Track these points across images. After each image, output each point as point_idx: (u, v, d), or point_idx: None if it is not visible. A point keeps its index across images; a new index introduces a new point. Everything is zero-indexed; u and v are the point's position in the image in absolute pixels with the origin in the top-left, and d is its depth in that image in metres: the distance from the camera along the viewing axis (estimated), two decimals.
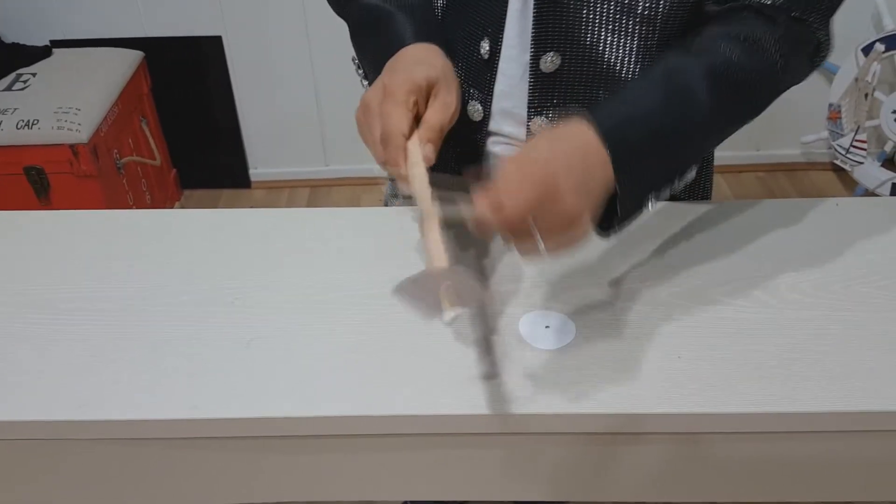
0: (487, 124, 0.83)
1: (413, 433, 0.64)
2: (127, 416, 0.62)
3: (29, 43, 2.21)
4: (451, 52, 0.81)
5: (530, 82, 0.79)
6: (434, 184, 0.64)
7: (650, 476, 0.68)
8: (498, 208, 0.56)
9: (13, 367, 0.67)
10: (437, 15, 0.83)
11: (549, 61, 0.76)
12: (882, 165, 2.31)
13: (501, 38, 0.78)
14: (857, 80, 2.22)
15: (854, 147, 2.29)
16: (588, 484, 0.69)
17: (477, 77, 0.82)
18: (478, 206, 0.57)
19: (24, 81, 2.06)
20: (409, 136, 0.66)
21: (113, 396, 0.64)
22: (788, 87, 0.73)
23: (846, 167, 2.34)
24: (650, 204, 0.68)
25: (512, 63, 0.79)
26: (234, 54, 2.31)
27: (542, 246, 0.59)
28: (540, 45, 0.76)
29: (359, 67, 0.87)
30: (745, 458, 0.66)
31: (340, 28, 0.86)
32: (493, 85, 0.81)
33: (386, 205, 1.00)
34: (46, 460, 0.67)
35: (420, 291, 0.57)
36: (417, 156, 0.65)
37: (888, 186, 2.27)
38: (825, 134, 2.36)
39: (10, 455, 0.66)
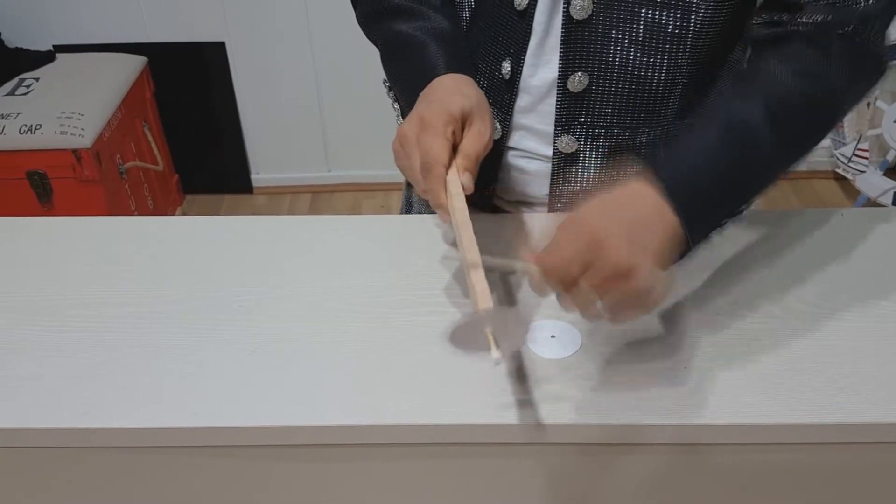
0: (506, 141, 0.83)
1: (416, 443, 0.64)
2: (130, 424, 0.62)
3: (32, 48, 2.21)
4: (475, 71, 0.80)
5: (558, 102, 0.78)
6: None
7: (654, 487, 0.67)
8: (541, 261, 0.57)
9: (15, 374, 0.66)
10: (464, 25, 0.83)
11: (577, 81, 0.76)
12: (884, 174, 2.31)
13: (523, 58, 0.78)
14: None
15: (856, 156, 2.29)
16: (591, 495, 0.69)
17: (497, 96, 0.82)
18: (526, 261, 0.58)
19: (28, 86, 2.06)
20: (447, 166, 0.67)
21: (116, 404, 0.63)
22: (851, 109, 0.71)
23: (848, 176, 2.34)
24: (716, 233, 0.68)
25: (533, 81, 0.79)
26: (237, 60, 2.31)
27: (599, 304, 0.58)
28: (568, 65, 0.76)
29: (390, 90, 0.88)
30: (750, 469, 0.66)
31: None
32: (514, 103, 0.81)
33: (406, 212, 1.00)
34: (49, 468, 0.67)
35: (468, 336, 0.57)
36: (457, 187, 0.66)
37: (890, 195, 2.26)
38: (827, 143, 2.37)
39: (13, 462, 0.66)
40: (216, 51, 2.29)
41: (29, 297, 0.75)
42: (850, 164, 2.31)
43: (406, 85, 0.79)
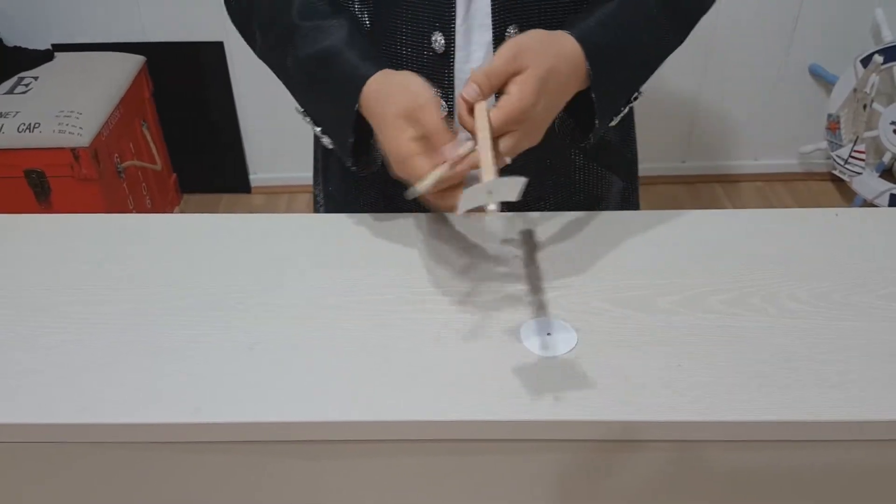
0: (452, 116, 0.81)
1: (413, 439, 0.64)
2: (128, 420, 0.62)
3: (31, 46, 2.21)
4: (395, 56, 0.79)
5: None
6: None
7: (649, 484, 0.68)
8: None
9: (14, 370, 0.67)
10: (366, 25, 0.81)
11: (512, 35, 0.76)
12: (880, 176, 2.32)
13: (454, 26, 0.77)
14: (855, 90, 2.23)
15: (852, 158, 2.30)
16: (586, 491, 0.69)
17: (432, 73, 0.78)
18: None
19: (26, 85, 2.06)
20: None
21: (114, 400, 0.64)
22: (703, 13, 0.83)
23: (844, 178, 2.35)
24: (614, 119, 0.79)
25: (473, 48, 0.78)
26: (235, 60, 2.32)
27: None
28: (499, 21, 0.76)
29: (305, 115, 0.85)
30: (743, 466, 0.66)
31: None
32: (453, 77, 0.79)
33: None
34: (47, 464, 0.67)
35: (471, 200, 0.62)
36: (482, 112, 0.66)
37: (886, 197, 2.27)
38: (824, 144, 2.37)
39: (11, 458, 0.66)
40: (215, 50, 2.29)
41: (26, 295, 0.75)
42: (847, 166, 2.32)
43: (332, 101, 0.76)
